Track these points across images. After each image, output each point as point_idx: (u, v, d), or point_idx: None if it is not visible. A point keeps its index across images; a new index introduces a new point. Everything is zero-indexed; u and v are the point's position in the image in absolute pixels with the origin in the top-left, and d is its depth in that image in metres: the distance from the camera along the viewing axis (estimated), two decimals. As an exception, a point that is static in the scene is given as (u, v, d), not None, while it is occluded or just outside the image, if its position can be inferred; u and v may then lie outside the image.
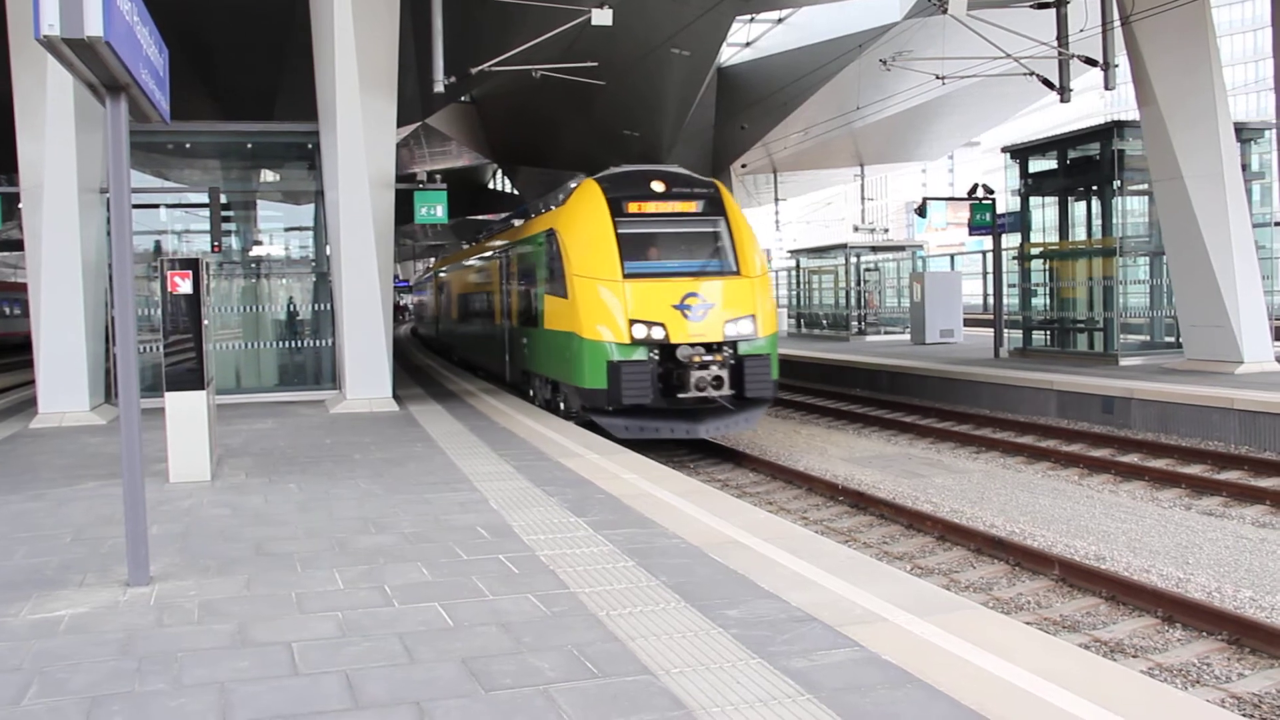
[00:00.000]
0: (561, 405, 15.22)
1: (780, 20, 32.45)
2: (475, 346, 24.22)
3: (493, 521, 7.74)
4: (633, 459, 10.49)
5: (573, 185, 15.98)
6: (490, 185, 56.32)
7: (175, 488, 9.43)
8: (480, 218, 52.71)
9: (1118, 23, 17.76)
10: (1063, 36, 18.65)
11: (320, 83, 16.00)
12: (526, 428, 13.07)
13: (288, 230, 19.50)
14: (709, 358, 13.29)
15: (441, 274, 33.33)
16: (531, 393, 17.20)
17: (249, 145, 18.51)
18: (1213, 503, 11.56)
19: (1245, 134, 20.17)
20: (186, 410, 9.65)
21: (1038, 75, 19.17)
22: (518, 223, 19.53)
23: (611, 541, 7.01)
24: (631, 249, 13.98)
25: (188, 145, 18.27)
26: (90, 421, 14.51)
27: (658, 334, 13.40)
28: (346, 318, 15.59)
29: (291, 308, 18.62)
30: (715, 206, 14.66)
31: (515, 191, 51.36)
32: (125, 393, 6.16)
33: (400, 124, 19.49)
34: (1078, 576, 8.66)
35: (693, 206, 14.56)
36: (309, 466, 10.57)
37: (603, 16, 16.51)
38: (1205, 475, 12.59)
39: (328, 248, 17.08)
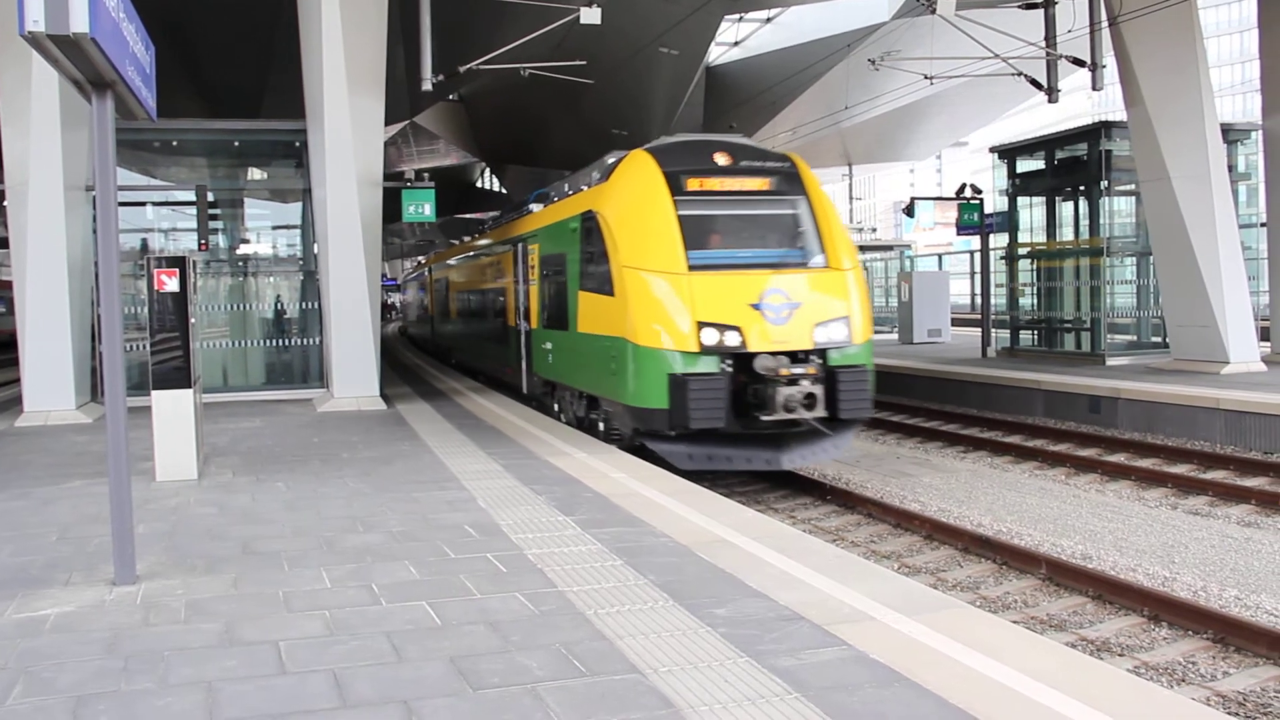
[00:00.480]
0: (600, 425, 12.88)
1: (769, 20, 32.50)
2: (481, 351, 21.38)
3: (481, 520, 7.74)
4: (621, 458, 10.50)
5: (611, 160, 13.34)
6: (478, 184, 56.26)
7: (162, 486, 9.39)
8: (468, 216, 52.67)
9: (1105, 24, 17.82)
10: (1050, 37, 18.70)
11: (308, 80, 15.96)
12: (515, 426, 13.05)
13: (275, 228, 19.45)
14: (798, 370, 10.88)
15: (439, 269, 29.91)
16: (556, 407, 14.95)
17: (236, 143, 18.45)
18: (1198, 502, 11.61)
19: (1232, 135, 20.27)
20: (173, 409, 9.61)
21: (1025, 75, 19.22)
22: (536, 208, 16.77)
23: (600, 540, 7.01)
24: (697, 234, 11.58)
25: (174, 143, 18.22)
26: (76, 420, 14.45)
27: (732, 340, 10.97)
28: (334, 316, 15.56)
29: (279, 306, 18.57)
30: (794, 183, 12.29)
31: (503, 190, 51.30)
32: (111, 391, 6.14)
33: (388, 122, 19.42)
34: (1064, 575, 8.68)
35: (766, 183, 12.19)
36: (296, 465, 10.54)
37: (591, 15, 16.48)
38: (1191, 475, 12.64)
39: (315, 246, 17.04)
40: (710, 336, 10.96)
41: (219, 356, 17.72)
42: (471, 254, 22.87)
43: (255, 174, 19.64)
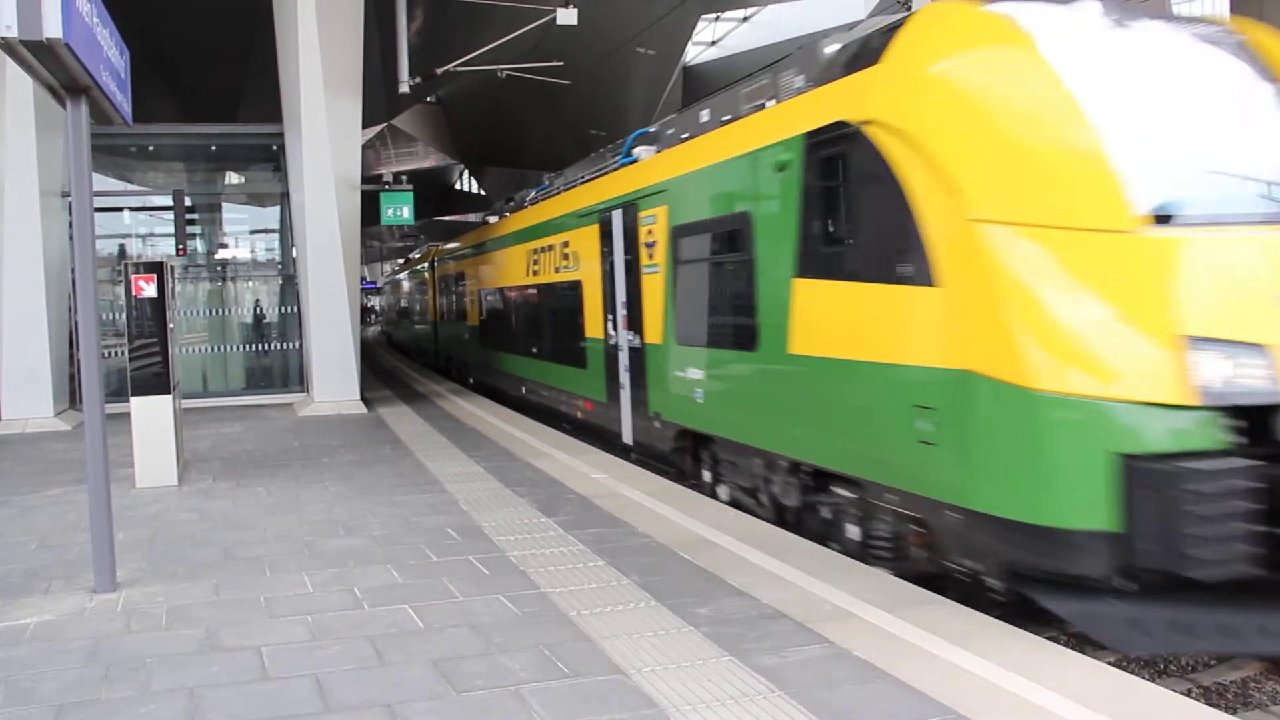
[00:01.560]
0: (852, 530, 7.01)
1: (746, 19, 32.59)
2: (530, 373, 15.66)
3: (463, 523, 7.72)
4: (603, 459, 10.48)
5: (838, 45, 7.52)
6: (458, 186, 56.19)
7: (142, 493, 9.34)
8: (447, 219, 52.58)
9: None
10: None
11: (284, 84, 15.91)
12: (496, 428, 13.03)
13: (253, 233, 19.40)
14: None
15: (448, 260, 24.00)
16: (708, 476, 9.42)
17: (213, 147, 18.39)
18: (1177, 495, 11.65)
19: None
20: (152, 415, 9.57)
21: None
22: (645, 151, 10.97)
23: (582, 541, 7.01)
24: (1150, 154, 5.66)
25: (151, 148, 18.13)
26: (55, 427, 14.36)
27: (1255, 378, 5.13)
28: (313, 320, 15.51)
29: (258, 310, 18.51)
30: (1259, 64, 6.33)
31: (483, 192, 51.26)
32: (90, 398, 6.10)
33: (366, 125, 19.37)
34: (1045, 570, 8.68)
35: (1230, 62, 6.28)
36: (277, 470, 10.50)
37: (568, 16, 16.49)
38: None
39: (294, 250, 16.98)
40: (1217, 369, 5.12)
41: (198, 362, 17.65)
42: (510, 237, 16.72)
43: (233, 178, 19.58)
